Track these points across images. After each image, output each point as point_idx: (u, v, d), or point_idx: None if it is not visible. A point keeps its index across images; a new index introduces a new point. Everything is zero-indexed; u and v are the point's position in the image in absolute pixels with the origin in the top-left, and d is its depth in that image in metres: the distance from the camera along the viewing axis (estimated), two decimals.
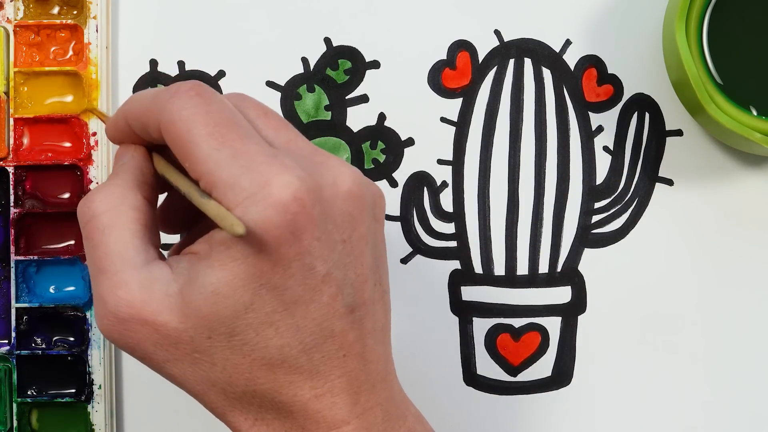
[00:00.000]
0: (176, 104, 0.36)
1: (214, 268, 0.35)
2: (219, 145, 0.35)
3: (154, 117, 0.37)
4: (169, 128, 0.36)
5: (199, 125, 0.36)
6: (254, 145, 0.36)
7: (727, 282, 0.53)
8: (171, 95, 0.36)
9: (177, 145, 0.36)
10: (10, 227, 0.52)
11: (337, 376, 0.37)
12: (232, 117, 0.36)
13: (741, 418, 0.53)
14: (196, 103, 0.36)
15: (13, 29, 0.52)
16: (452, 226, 0.53)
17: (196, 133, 0.35)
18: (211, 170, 0.35)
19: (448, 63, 0.53)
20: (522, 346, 0.53)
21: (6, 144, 0.52)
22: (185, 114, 0.36)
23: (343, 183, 0.37)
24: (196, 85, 0.37)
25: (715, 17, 0.49)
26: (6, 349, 0.52)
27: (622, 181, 0.53)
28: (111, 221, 0.37)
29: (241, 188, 0.35)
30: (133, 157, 0.39)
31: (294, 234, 0.35)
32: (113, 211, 0.37)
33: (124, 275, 0.36)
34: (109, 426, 0.52)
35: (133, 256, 0.37)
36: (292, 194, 0.35)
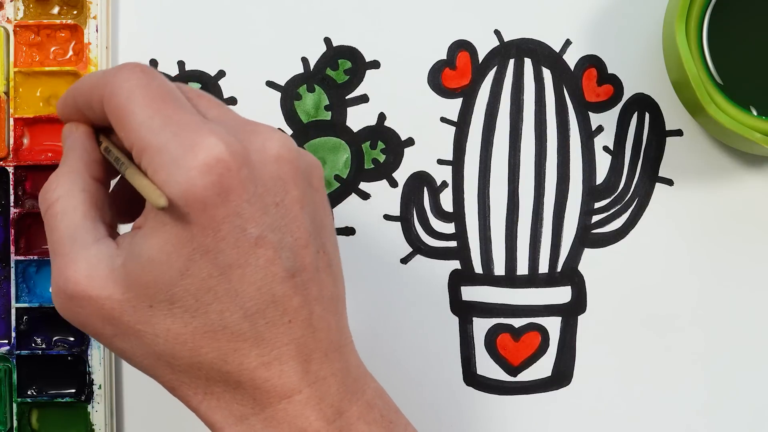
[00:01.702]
0: (119, 78, 0.37)
1: (148, 236, 0.36)
2: (152, 113, 0.36)
3: (98, 92, 0.38)
4: (111, 100, 0.37)
5: (138, 96, 0.37)
6: (187, 114, 0.36)
7: (727, 282, 0.53)
8: (116, 71, 0.38)
9: (115, 115, 0.37)
10: (10, 227, 0.52)
11: (284, 343, 0.37)
12: (170, 91, 0.37)
13: (741, 418, 0.53)
14: (138, 77, 0.37)
15: (13, 29, 0.52)
16: (452, 226, 0.53)
17: (133, 103, 0.36)
18: (143, 136, 0.36)
19: (448, 63, 0.53)
20: (522, 346, 0.53)
21: (6, 144, 0.52)
22: (126, 86, 0.37)
23: (271, 148, 0.37)
24: (141, 64, 0.38)
25: (715, 17, 0.49)
26: (6, 349, 0.52)
27: (622, 181, 0.53)
28: (63, 207, 0.38)
29: (167, 152, 0.35)
30: (77, 138, 0.40)
31: (220, 195, 0.35)
32: (65, 196, 0.38)
33: (73, 255, 0.37)
34: (109, 426, 0.52)
35: (82, 235, 0.38)
36: (216, 156, 0.35)
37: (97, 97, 0.38)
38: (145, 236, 0.36)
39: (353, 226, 0.53)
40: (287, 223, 0.37)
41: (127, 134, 0.37)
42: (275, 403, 0.37)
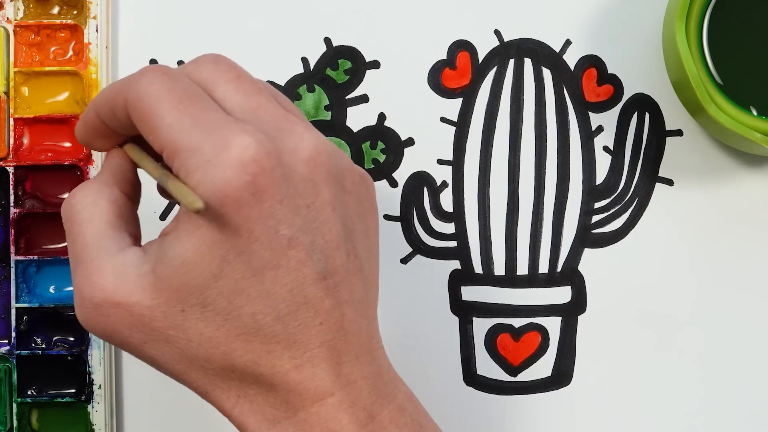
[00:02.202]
0: (143, 82, 0.37)
1: (181, 238, 0.36)
2: (181, 114, 0.36)
3: (122, 98, 0.37)
4: (136, 105, 0.37)
5: (164, 99, 0.36)
6: (214, 113, 0.36)
7: (727, 282, 0.53)
8: (139, 75, 0.37)
9: (142, 120, 0.37)
10: (10, 227, 0.52)
11: (316, 345, 0.36)
12: (195, 92, 0.37)
13: (741, 418, 0.53)
14: (162, 80, 0.37)
15: (13, 29, 0.52)
16: (452, 226, 0.53)
17: (160, 107, 0.36)
18: (174, 138, 0.36)
19: (448, 63, 0.53)
20: (522, 346, 0.53)
21: (6, 144, 0.52)
22: (151, 89, 0.36)
23: (304, 149, 0.37)
24: (157, 66, 0.38)
25: (715, 17, 0.49)
26: (6, 349, 0.52)
27: (622, 181, 0.53)
28: (89, 216, 0.38)
29: (201, 152, 0.35)
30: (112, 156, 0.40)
31: (255, 195, 0.35)
32: (91, 206, 0.38)
33: (98, 262, 0.37)
34: (109, 426, 0.52)
35: (107, 244, 0.37)
36: (251, 155, 0.35)
37: (120, 103, 0.38)
38: (178, 239, 0.36)
39: None
40: (318, 225, 0.37)
41: (156, 137, 0.36)
42: (308, 406, 0.37)
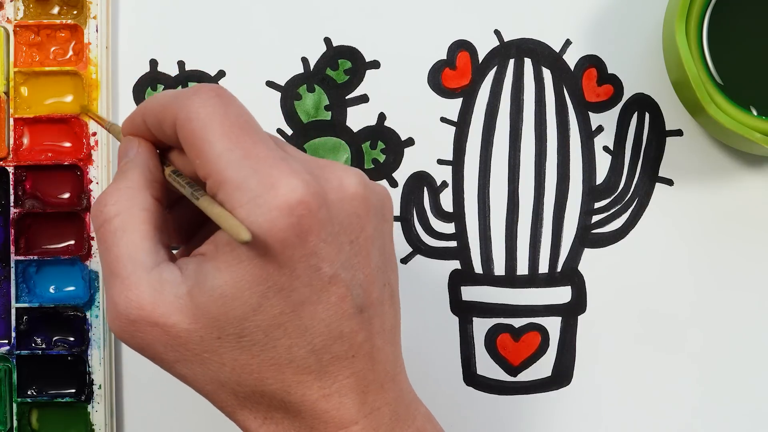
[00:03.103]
0: (195, 102, 0.37)
1: (221, 270, 0.36)
2: (231, 145, 0.36)
3: (171, 113, 0.37)
4: (185, 125, 0.37)
5: (215, 125, 0.36)
6: (265, 149, 0.36)
7: (727, 282, 0.53)
8: (191, 94, 0.37)
9: (190, 142, 0.36)
10: (10, 227, 0.52)
11: (346, 376, 0.37)
12: (248, 120, 0.37)
13: (741, 418, 0.53)
14: (214, 104, 0.37)
15: (13, 29, 0.52)
16: (452, 226, 0.53)
17: (210, 132, 0.36)
18: (221, 169, 0.35)
19: (448, 63, 0.53)
20: (522, 346, 0.53)
21: (6, 144, 0.52)
22: (203, 112, 0.36)
23: (348, 185, 0.37)
24: (217, 87, 0.38)
25: (715, 17, 0.49)
26: (6, 349, 0.52)
27: (622, 181, 0.53)
28: (122, 224, 0.37)
29: (248, 189, 0.35)
30: (139, 153, 0.39)
31: (300, 237, 0.35)
32: (124, 213, 0.37)
33: (135, 278, 0.37)
34: (109, 426, 0.52)
35: (143, 258, 0.37)
36: (298, 198, 0.35)
37: (169, 118, 0.37)
38: (218, 270, 0.36)
39: None
40: (360, 260, 0.37)
41: (203, 163, 0.36)
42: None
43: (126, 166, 0.39)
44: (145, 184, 0.39)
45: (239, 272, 0.35)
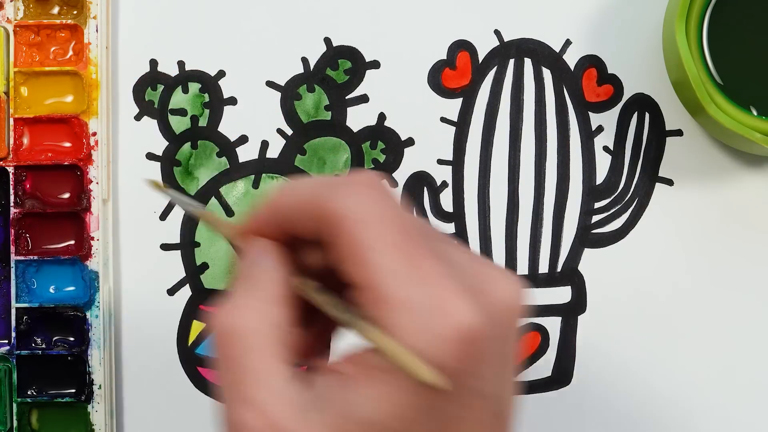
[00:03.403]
0: (353, 198, 0.33)
1: (374, 398, 0.32)
2: (397, 255, 0.32)
3: (322, 207, 0.33)
4: (340, 223, 0.32)
5: (379, 228, 0.32)
6: (432, 261, 0.32)
7: (727, 281, 0.53)
8: (346, 186, 0.33)
9: (345, 243, 0.32)
10: (10, 227, 0.52)
11: None
12: (411, 224, 0.33)
13: (739, 418, 0.53)
14: (374, 201, 0.33)
15: (13, 29, 0.52)
16: (452, 226, 0.53)
17: (372, 237, 0.32)
18: (385, 283, 0.32)
19: (448, 63, 0.53)
20: (522, 346, 0.53)
21: (6, 144, 0.52)
22: (364, 212, 0.32)
23: (510, 299, 0.34)
24: (373, 179, 0.34)
25: (715, 17, 0.49)
26: (6, 349, 0.52)
27: (622, 181, 0.53)
28: (252, 343, 0.33)
29: (416, 313, 0.32)
30: (271, 262, 0.35)
31: (470, 364, 0.32)
32: (255, 332, 0.34)
33: (260, 400, 0.33)
34: (109, 426, 0.52)
35: (274, 380, 0.33)
36: (470, 324, 0.32)
37: (319, 213, 0.33)
38: (370, 398, 0.32)
39: None
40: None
41: (359, 271, 0.32)
42: None
43: (255, 273, 0.35)
44: (278, 298, 0.35)
45: (398, 401, 0.32)
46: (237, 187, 0.54)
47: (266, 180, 0.53)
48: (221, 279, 0.53)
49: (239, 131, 0.54)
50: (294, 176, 0.53)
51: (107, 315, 0.52)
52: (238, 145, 0.54)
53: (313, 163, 0.53)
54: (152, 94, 0.54)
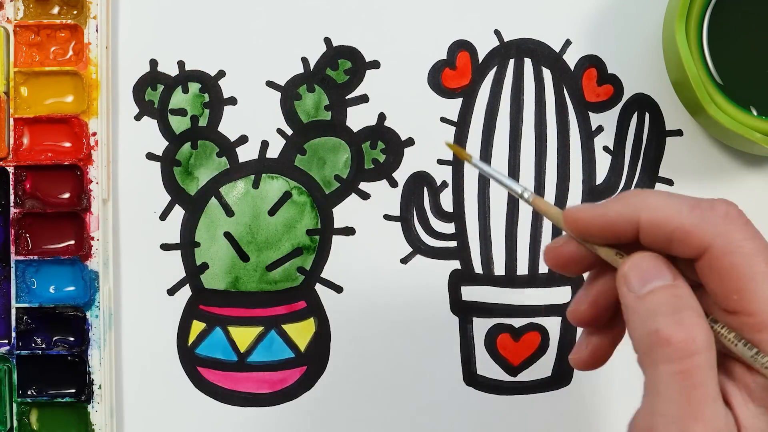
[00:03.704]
0: (737, 235, 0.35)
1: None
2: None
3: (698, 238, 0.35)
4: (724, 258, 0.35)
5: (761, 263, 0.35)
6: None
7: None
8: (724, 219, 0.36)
9: (730, 277, 0.35)
10: (10, 227, 0.52)
11: None
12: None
13: None
14: (753, 236, 0.36)
15: (13, 29, 0.52)
16: (452, 226, 0.53)
17: (757, 271, 0.35)
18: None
19: (448, 63, 0.53)
20: (522, 346, 0.53)
21: (6, 144, 0.52)
22: (748, 247, 0.35)
23: None
24: (741, 212, 0.36)
25: (715, 17, 0.49)
26: (6, 349, 0.52)
27: (622, 181, 0.53)
28: (708, 361, 0.35)
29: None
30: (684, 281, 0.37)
31: None
32: (709, 350, 0.35)
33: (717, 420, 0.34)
34: (109, 426, 0.52)
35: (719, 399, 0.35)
36: None
37: (696, 242, 0.36)
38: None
39: (353, 226, 0.53)
40: None
41: (747, 302, 0.35)
42: None
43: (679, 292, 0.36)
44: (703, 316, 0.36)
45: None
46: (237, 187, 0.54)
47: (266, 180, 0.53)
48: (221, 279, 0.53)
49: (239, 131, 0.54)
50: (294, 176, 0.53)
51: (107, 315, 0.52)
52: (238, 145, 0.54)
53: (313, 163, 0.53)
54: (152, 94, 0.54)
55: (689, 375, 0.35)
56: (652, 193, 0.37)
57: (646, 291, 0.37)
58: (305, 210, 0.53)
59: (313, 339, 0.53)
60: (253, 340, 0.53)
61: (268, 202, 0.53)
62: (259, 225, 0.53)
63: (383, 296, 0.53)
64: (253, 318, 0.53)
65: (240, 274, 0.53)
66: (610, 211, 0.37)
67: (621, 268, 0.37)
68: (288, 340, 0.53)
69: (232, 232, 0.53)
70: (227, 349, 0.53)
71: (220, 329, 0.53)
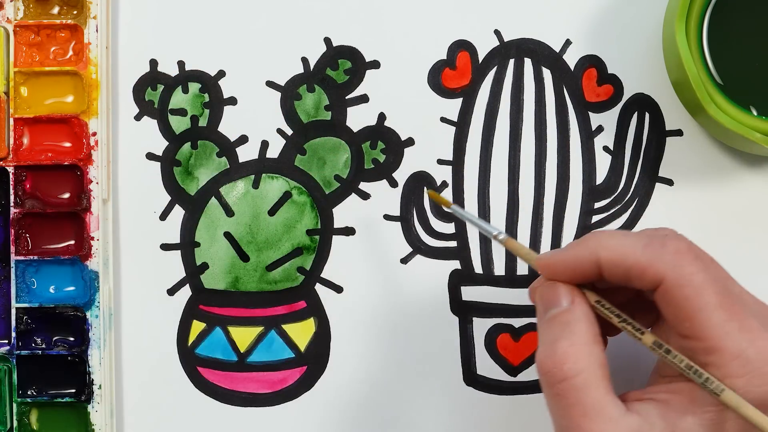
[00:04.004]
0: (687, 269, 0.39)
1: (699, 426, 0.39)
2: (727, 316, 0.39)
3: (652, 273, 0.40)
4: (675, 291, 0.39)
5: (710, 294, 0.39)
6: (752, 319, 0.39)
7: None
8: (674, 255, 0.40)
9: (681, 307, 0.39)
10: (10, 227, 0.52)
11: None
12: (730, 287, 0.40)
13: None
14: (702, 269, 0.40)
15: (13, 29, 0.52)
16: (452, 226, 0.53)
17: (706, 302, 0.39)
18: (720, 338, 0.39)
19: (448, 63, 0.53)
20: (522, 346, 0.53)
21: (6, 144, 0.52)
22: (696, 280, 0.39)
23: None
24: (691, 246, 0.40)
25: (715, 17, 0.49)
26: (6, 349, 0.52)
27: (622, 181, 0.53)
28: (586, 382, 0.40)
29: (747, 360, 0.38)
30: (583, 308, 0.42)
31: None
32: (586, 372, 0.40)
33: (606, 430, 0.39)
34: (109, 426, 0.52)
35: (610, 411, 0.39)
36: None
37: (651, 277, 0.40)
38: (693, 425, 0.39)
39: (353, 226, 0.53)
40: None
41: (697, 329, 0.39)
42: None
43: (566, 318, 0.41)
44: (594, 338, 0.41)
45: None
46: (237, 187, 0.54)
47: (266, 180, 0.53)
48: (221, 279, 0.53)
49: (239, 131, 0.54)
50: (294, 176, 0.53)
51: (107, 315, 0.52)
52: (238, 145, 0.54)
53: (313, 163, 0.53)
54: (152, 94, 0.54)
55: (564, 396, 0.40)
56: (609, 233, 0.41)
57: (547, 318, 0.42)
58: (305, 210, 0.53)
59: (313, 339, 0.53)
60: (253, 340, 0.53)
61: (268, 202, 0.53)
62: (259, 225, 0.53)
63: (383, 296, 0.53)
64: (253, 318, 0.53)
65: (240, 274, 0.53)
66: (574, 255, 0.41)
67: (531, 295, 0.44)
68: (288, 340, 0.53)
69: (232, 232, 0.53)
70: (227, 349, 0.53)
71: (220, 329, 0.53)
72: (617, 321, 0.42)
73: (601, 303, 0.42)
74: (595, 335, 0.41)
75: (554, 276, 0.42)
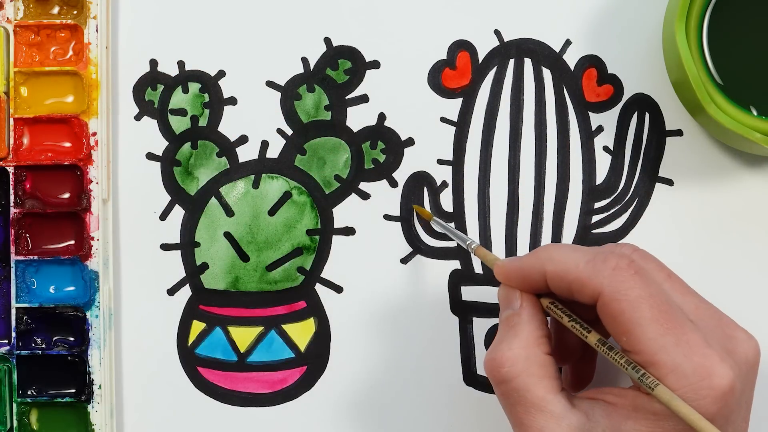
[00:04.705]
0: (624, 284, 0.41)
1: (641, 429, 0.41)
2: (663, 330, 0.40)
3: (591, 287, 0.41)
4: (612, 305, 0.41)
5: (645, 308, 0.40)
6: (691, 333, 0.40)
7: (727, 281, 0.53)
8: (612, 271, 0.41)
9: (618, 321, 0.41)
10: (10, 227, 0.52)
11: None
12: (668, 302, 0.41)
13: None
14: (639, 285, 0.41)
15: (13, 29, 0.52)
16: (452, 226, 0.53)
17: (641, 316, 0.40)
18: (654, 351, 0.40)
19: (448, 63, 0.53)
20: None
21: (6, 144, 0.52)
22: (632, 295, 0.40)
23: (752, 356, 0.42)
24: (633, 262, 0.41)
25: (715, 17, 0.49)
26: (6, 349, 0.52)
27: (622, 181, 0.53)
28: (524, 384, 0.42)
29: (683, 375, 0.39)
30: (530, 311, 0.44)
31: (725, 417, 0.40)
32: (523, 374, 0.42)
33: (547, 426, 0.41)
34: (109, 426, 0.52)
35: (552, 408, 0.41)
36: (728, 385, 0.39)
37: (590, 291, 0.41)
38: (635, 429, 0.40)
39: (353, 226, 0.53)
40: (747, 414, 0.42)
41: (634, 343, 0.40)
42: None
43: (513, 321, 0.44)
44: (536, 341, 0.43)
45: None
46: (237, 187, 0.54)
47: (266, 180, 0.53)
48: (221, 279, 0.53)
49: (239, 131, 0.54)
50: (294, 176, 0.53)
51: (107, 315, 0.52)
52: (238, 145, 0.54)
53: (313, 163, 0.53)
54: (152, 94, 0.54)
55: (507, 395, 0.42)
56: (558, 247, 0.43)
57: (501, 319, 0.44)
58: (305, 210, 0.53)
59: (313, 339, 0.53)
60: (253, 340, 0.53)
61: (268, 202, 0.53)
62: (259, 225, 0.53)
63: (383, 296, 0.53)
64: (253, 318, 0.53)
65: (240, 274, 0.53)
66: (524, 264, 0.44)
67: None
68: (288, 340, 0.53)
69: (232, 232, 0.53)
70: (227, 349, 0.53)
71: (220, 329, 0.53)
72: (567, 321, 0.43)
73: (554, 304, 0.44)
74: (538, 338, 0.43)
75: (508, 282, 0.45)
